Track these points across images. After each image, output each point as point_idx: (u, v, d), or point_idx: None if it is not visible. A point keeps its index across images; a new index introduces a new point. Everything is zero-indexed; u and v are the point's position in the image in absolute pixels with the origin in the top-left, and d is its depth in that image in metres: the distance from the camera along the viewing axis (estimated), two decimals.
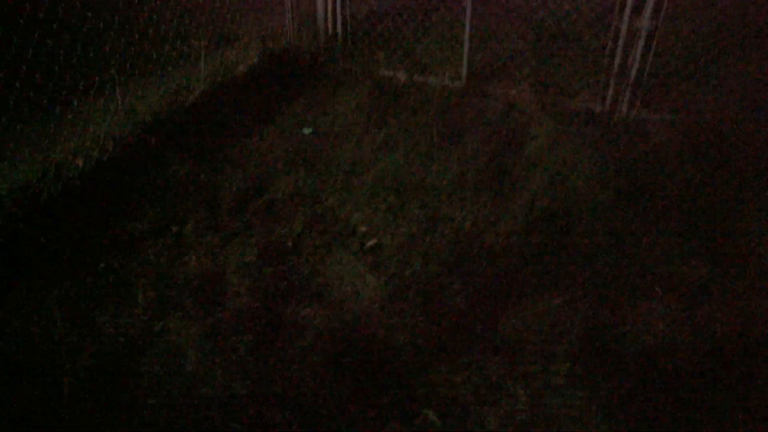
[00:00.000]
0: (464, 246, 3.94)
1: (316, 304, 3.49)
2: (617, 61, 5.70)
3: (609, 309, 3.41)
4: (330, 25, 6.85)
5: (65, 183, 4.06)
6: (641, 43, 5.56)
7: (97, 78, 4.48)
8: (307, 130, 5.30)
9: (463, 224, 4.17)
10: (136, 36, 5.01)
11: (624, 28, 5.55)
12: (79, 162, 4.18)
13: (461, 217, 4.24)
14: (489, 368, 3.03)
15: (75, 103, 4.29)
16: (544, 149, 5.15)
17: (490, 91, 6.17)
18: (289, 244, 4.02)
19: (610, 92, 5.84)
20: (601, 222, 4.20)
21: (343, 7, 6.81)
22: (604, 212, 4.29)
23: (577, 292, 3.52)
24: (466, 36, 6.12)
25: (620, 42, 5.64)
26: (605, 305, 3.44)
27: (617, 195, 4.50)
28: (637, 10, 5.46)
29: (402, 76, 6.45)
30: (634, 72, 5.68)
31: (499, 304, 3.46)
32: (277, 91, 6.00)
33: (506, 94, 6.13)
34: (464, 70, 6.28)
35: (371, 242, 4.00)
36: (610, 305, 3.44)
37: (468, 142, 5.19)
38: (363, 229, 4.16)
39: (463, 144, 5.16)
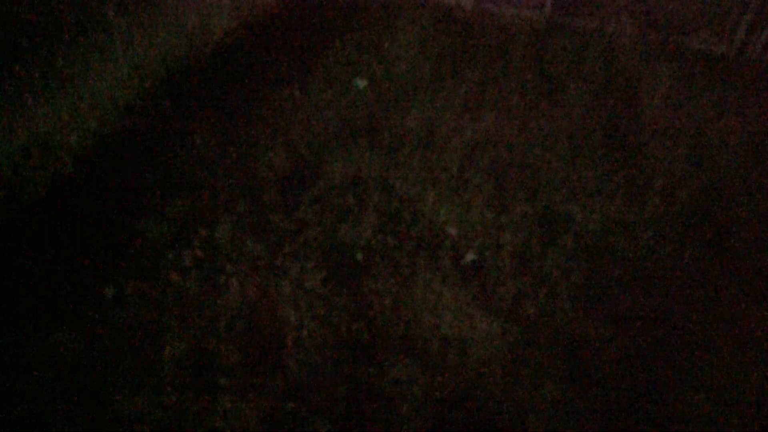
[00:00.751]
0: (601, 266, 2.91)
1: (410, 360, 2.52)
2: None
3: None
4: None
5: (56, 172, 2.98)
6: None
7: (87, 24, 3.28)
8: (360, 83, 4.12)
9: (588, 227, 3.12)
10: None
11: None
12: (72, 138, 3.08)
13: (584, 217, 3.17)
14: None
15: (61, 60, 3.12)
16: (667, 108, 3.99)
17: (582, 24, 4.89)
18: (359, 256, 3.00)
19: (742, 29, 4.57)
20: None
21: None
22: None
23: None
24: None
25: None
26: None
27: None
28: None
29: (467, 2, 5.14)
30: None
31: (669, 365, 2.48)
32: (318, 24, 4.74)
33: (603, 29, 4.86)
34: None
35: (470, 257, 2.97)
36: None
37: (570, 97, 4.02)
38: (453, 231, 3.12)
39: (565, 101, 4.00)
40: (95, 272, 2.86)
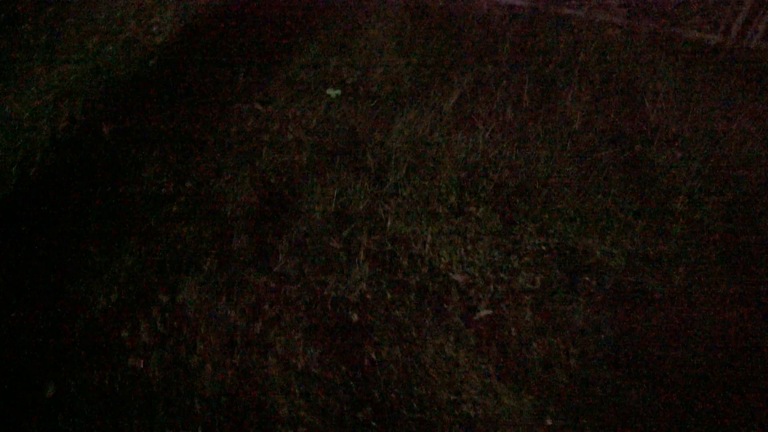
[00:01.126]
0: (633, 314, 2.54)
1: None
2: None
3: None
4: None
5: None
6: None
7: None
8: (333, 92, 3.60)
9: (610, 264, 2.75)
10: None
11: None
12: None
13: (604, 252, 2.80)
14: None
15: None
16: (672, 111, 3.64)
17: (568, 13, 4.47)
18: (354, 317, 2.55)
19: (740, 18, 4.25)
20: None
21: None
22: None
23: None
24: None
25: None
26: None
27: None
28: None
29: None
30: None
31: None
32: (276, 22, 4.15)
33: (591, 20, 4.46)
34: None
35: (484, 312, 2.56)
36: None
37: (568, 103, 3.62)
38: (459, 278, 2.70)
39: (564, 108, 3.59)
40: (27, 364, 2.30)
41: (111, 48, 3.07)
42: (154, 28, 3.38)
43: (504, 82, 3.71)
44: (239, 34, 3.94)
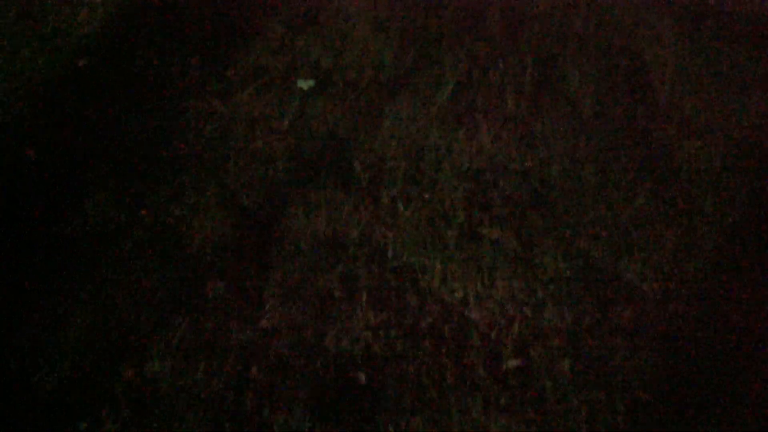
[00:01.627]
0: (682, 355, 2.24)
1: None
2: None
3: None
4: None
5: None
6: None
7: None
8: (305, 84, 3.07)
9: (643, 288, 2.43)
10: None
11: None
12: None
13: (636, 273, 2.47)
14: None
15: None
16: (684, 92, 3.29)
17: None
18: (361, 378, 2.16)
19: None
20: None
21: None
22: None
23: None
24: None
25: None
26: None
27: None
28: None
29: None
30: None
31: None
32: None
33: None
34: None
35: (512, 362, 2.21)
36: None
37: (572, 87, 3.21)
38: (477, 315, 2.34)
39: (568, 93, 3.18)
40: None
41: (27, 52, 2.42)
42: (81, 15, 2.72)
43: (500, 64, 3.24)
44: (186, 12, 3.29)
